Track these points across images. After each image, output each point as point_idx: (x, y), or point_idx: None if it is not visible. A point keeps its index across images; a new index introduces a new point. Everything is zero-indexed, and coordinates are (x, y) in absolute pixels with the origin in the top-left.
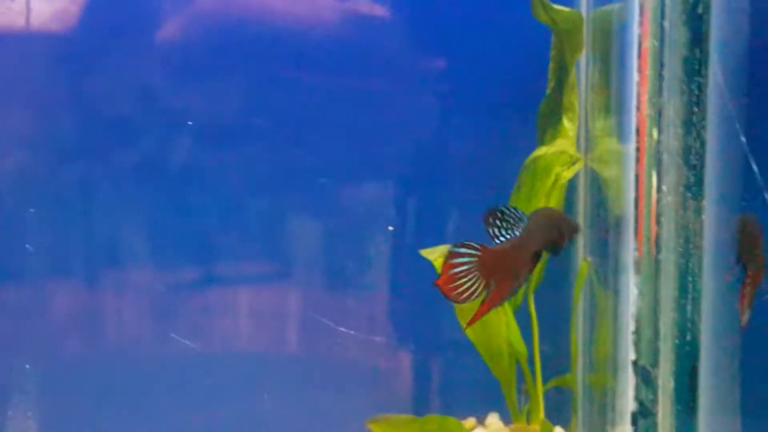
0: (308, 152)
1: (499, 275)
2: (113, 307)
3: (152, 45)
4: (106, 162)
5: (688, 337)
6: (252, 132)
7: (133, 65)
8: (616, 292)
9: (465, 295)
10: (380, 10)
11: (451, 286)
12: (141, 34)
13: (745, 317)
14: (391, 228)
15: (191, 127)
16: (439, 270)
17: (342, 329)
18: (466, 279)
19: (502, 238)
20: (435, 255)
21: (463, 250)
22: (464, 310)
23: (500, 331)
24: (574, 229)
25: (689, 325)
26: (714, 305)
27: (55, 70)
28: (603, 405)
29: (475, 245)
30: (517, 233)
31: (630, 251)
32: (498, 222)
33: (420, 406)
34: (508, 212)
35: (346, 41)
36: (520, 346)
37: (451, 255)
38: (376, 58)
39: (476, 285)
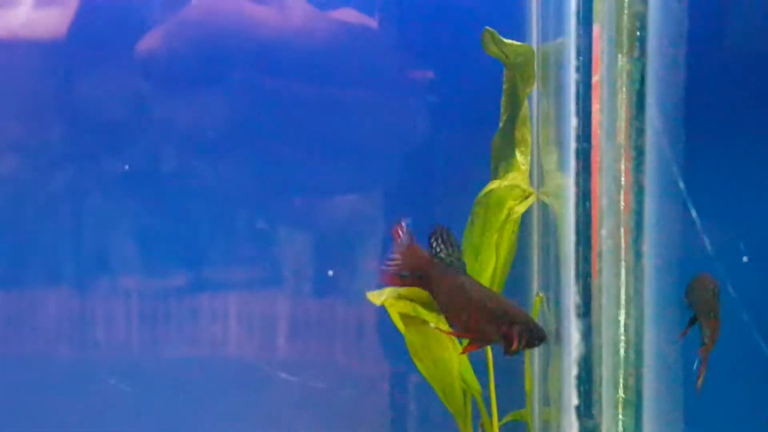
0: (294, 162)
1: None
2: (102, 313)
3: (139, 54)
4: (96, 168)
5: (631, 384)
6: (239, 141)
7: (122, 74)
8: (560, 335)
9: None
10: (368, 21)
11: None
12: (129, 42)
13: (700, 381)
14: (330, 273)
15: (179, 135)
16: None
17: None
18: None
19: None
20: (382, 298)
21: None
22: (415, 345)
23: (452, 367)
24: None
25: (632, 371)
26: (658, 352)
27: (44, 78)
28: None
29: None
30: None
31: (571, 294)
32: (441, 241)
33: None
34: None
35: (332, 52)
36: (473, 382)
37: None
38: (363, 69)
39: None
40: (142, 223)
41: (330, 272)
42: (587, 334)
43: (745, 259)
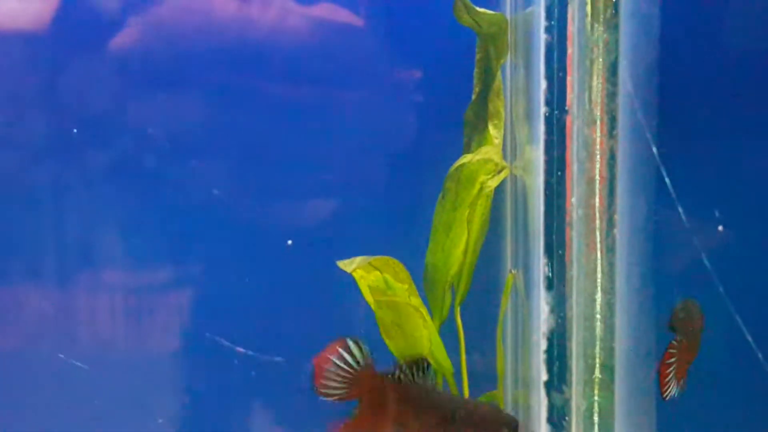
0: (275, 162)
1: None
2: (85, 308)
3: (118, 50)
4: (78, 163)
5: (601, 358)
6: (220, 139)
7: (104, 68)
8: (530, 309)
9: (327, 392)
10: (349, 19)
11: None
12: (111, 36)
13: (669, 390)
14: (289, 242)
15: (162, 132)
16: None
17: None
18: (335, 381)
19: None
20: (353, 266)
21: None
22: (385, 322)
23: (423, 346)
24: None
25: (602, 344)
26: (629, 323)
27: (25, 72)
28: (525, 425)
29: (359, 357)
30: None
31: (540, 266)
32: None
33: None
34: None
35: (313, 51)
36: (445, 362)
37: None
38: (345, 68)
39: (339, 392)
40: (124, 218)
41: (289, 242)
42: (556, 308)
43: (720, 228)
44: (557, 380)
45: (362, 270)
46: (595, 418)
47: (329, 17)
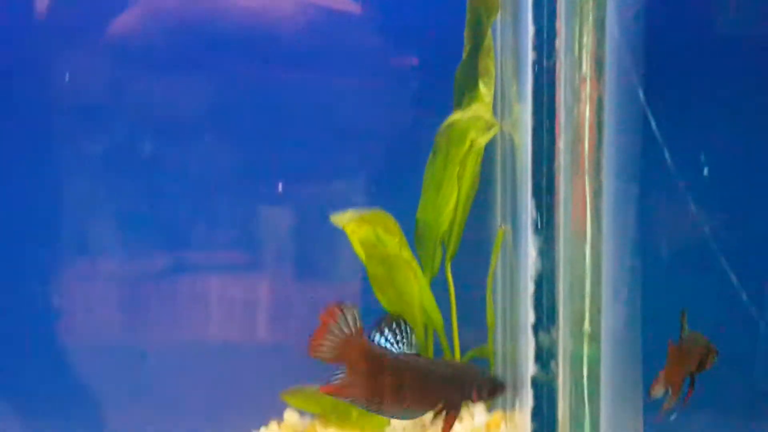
0: (274, 146)
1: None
2: (82, 296)
3: (117, 37)
4: (74, 151)
5: (588, 300)
6: (219, 125)
7: (100, 56)
8: (517, 254)
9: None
10: (349, 5)
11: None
12: (107, 24)
13: (656, 391)
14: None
15: (160, 119)
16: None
17: None
18: (326, 344)
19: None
20: (345, 220)
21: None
22: (377, 276)
23: (413, 298)
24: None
25: (590, 287)
26: (615, 267)
27: (21, 59)
28: (513, 374)
29: (351, 325)
30: (402, 348)
31: (528, 210)
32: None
33: None
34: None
35: (312, 36)
36: (436, 315)
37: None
38: (343, 53)
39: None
40: (120, 206)
41: (279, 186)
42: (544, 252)
43: (705, 171)
44: (546, 321)
45: (354, 224)
46: (584, 359)
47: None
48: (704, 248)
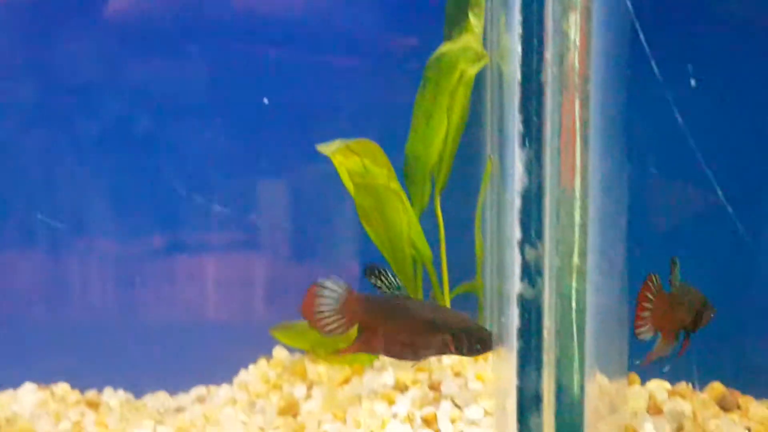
0: (271, 126)
1: (368, 322)
2: (77, 274)
3: (113, 16)
4: (70, 130)
5: (576, 214)
6: (215, 104)
7: (96, 35)
8: (503, 170)
9: (328, 329)
10: None
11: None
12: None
13: (643, 331)
14: (265, 101)
15: (155, 97)
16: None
17: None
18: (327, 315)
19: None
20: (332, 149)
21: (328, 284)
22: (365, 208)
23: (402, 231)
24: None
25: (577, 201)
26: (603, 178)
27: (15, 37)
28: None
29: (340, 284)
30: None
31: (515, 124)
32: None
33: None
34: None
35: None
36: (424, 248)
37: (314, 289)
38: (343, 35)
39: (336, 324)
40: (116, 185)
41: (265, 100)
42: (530, 166)
43: (693, 82)
44: (533, 235)
45: (341, 155)
46: (566, 267)
47: None
48: (691, 161)
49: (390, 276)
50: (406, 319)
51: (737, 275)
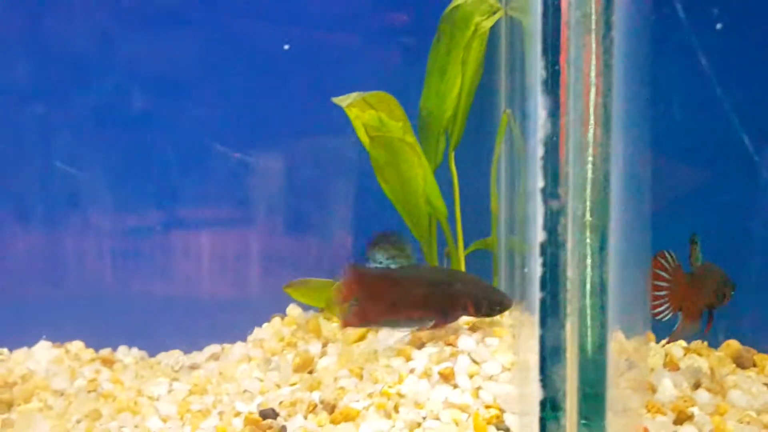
0: (266, 102)
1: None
2: (74, 250)
3: None
4: (65, 105)
5: (599, 162)
6: (209, 81)
7: (90, 10)
8: (525, 119)
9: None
10: None
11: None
12: None
13: (663, 312)
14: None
15: (150, 73)
16: None
17: None
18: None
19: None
20: (348, 101)
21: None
22: (381, 163)
23: (417, 185)
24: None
25: (600, 149)
26: (625, 128)
27: (10, 13)
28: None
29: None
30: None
31: (538, 69)
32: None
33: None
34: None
35: None
36: (439, 204)
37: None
38: (335, 11)
39: None
40: (111, 160)
41: (286, 46)
42: (553, 113)
43: (719, 25)
44: (553, 186)
45: (357, 109)
46: (589, 217)
47: None
48: (716, 108)
49: (402, 243)
50: (423, 288)
51: (760, 226)
